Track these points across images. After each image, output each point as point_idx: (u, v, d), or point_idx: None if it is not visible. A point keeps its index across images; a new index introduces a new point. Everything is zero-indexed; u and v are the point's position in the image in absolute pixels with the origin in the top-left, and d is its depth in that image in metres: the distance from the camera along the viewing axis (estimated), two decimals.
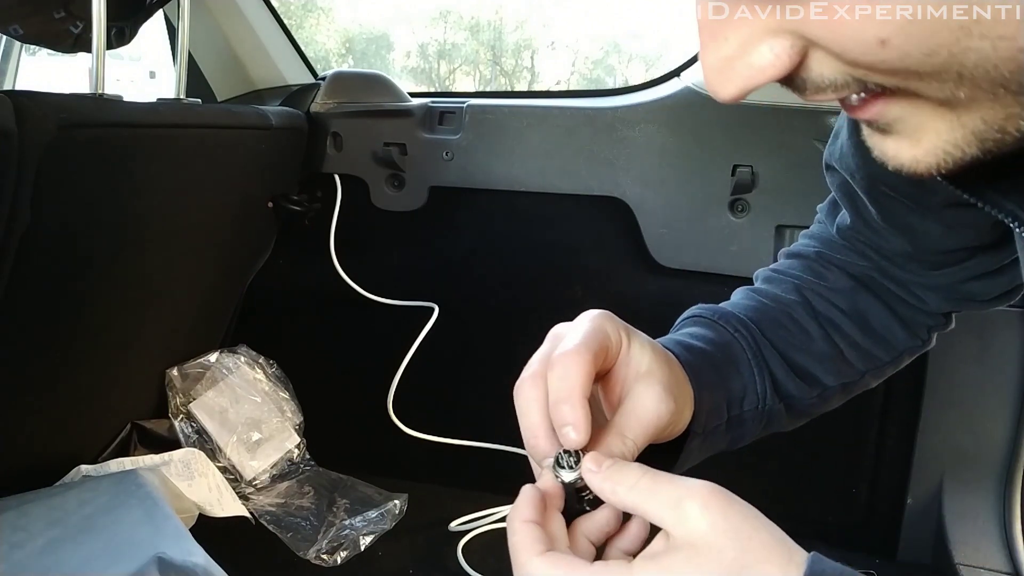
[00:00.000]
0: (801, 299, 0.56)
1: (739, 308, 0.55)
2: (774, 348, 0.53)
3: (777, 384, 0.53)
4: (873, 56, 0.25)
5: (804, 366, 0.54)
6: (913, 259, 0.55)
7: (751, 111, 1.11)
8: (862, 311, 0.57)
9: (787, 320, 0.55)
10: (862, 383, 0.58)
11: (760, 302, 0.56)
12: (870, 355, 0.57)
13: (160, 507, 0.90)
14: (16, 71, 1.51)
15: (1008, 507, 1.08)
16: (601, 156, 1.20)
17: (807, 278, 0.58)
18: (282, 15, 1.40)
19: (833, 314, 0.56)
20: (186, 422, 1.20)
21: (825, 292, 0.57)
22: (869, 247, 0.57)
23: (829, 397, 0.56)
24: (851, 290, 0.57)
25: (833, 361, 0.55)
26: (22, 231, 0.77)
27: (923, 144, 0.28)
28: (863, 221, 0.56)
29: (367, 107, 1.30)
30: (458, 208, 1.29)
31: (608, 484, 0.37)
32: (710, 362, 0.49)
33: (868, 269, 0.58)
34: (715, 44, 0.28)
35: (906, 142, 0.29)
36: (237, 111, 1.18)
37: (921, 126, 0.28)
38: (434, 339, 1.25)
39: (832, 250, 0.59)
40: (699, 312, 0.55)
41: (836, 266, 0.59)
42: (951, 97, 0.26)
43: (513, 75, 5.69)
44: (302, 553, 1.08)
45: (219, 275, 1.27)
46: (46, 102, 0.76)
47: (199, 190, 1.08)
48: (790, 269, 0.60)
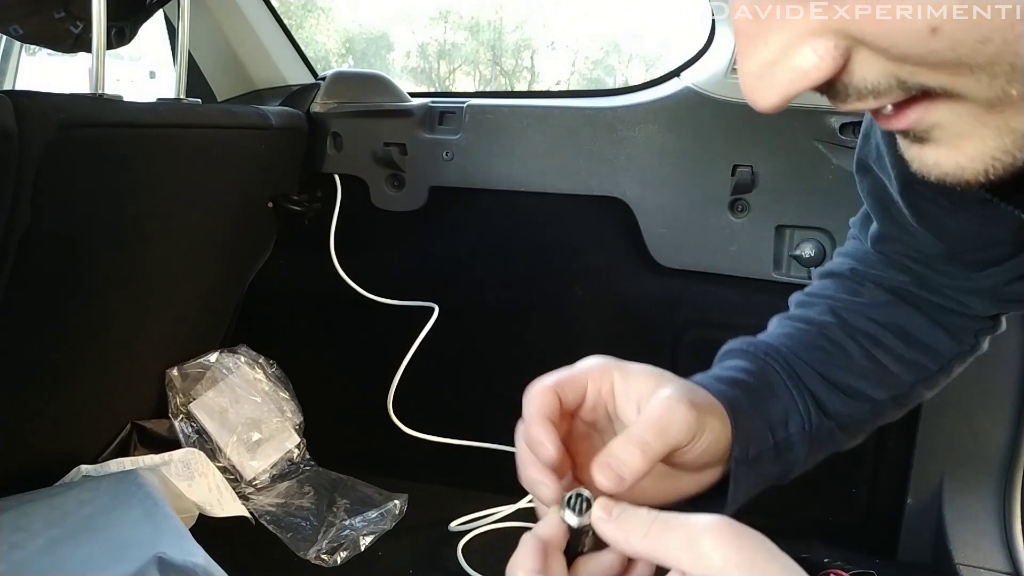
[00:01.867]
0: (836, 319, 0.56)
1: (772, 336, 0.55)
2: (812, 369, 0.53)
3: (821, 403, 0.52)
4: (924, 47, 0.24)
5: (848, 383, 0.54)
6: (951, 261, 0.53)
7: (751, 111, 1.10)
8: (902, 323, 0.56)
9: (823, 341, 0.55)
10: (914, 394, 0.57)
11: (794, 327, 0.56)
12: (917, 365, 0.56)
13: (160, 507, 0.90)
14: (16, 71, 1.51)
15: (1008, 507, 1.08)
16: (601, 156, 1.20)
17: (841, 296, 0.57)
18: (282, 15, 1.40)
19: (872, 329, 0.55)
20: (186, 422, 1.20)
21: (862, 308, 0.56)
22: (905, 255, 0.56)
23: (882, 411, 0.56)
24: (889, 303, 0.56)
25: (878, 375, 0.55)
26: (22, 231, 0.77)
27: (966, 151, 0.26)
28: (897, 226, 0.54)
29: (367, 107, 1.30)
30: (458, 208, 1.29)
31: (621, 533, 0.37)
32: (743, 388, 0.49)
33: (906, 284, 0.57)
34: (754, 49, 0.27)
35: (946, 149, 0.27)
36: (237, 111, 1.18)
37: (964, 132, 0.26)
38: (434, 339, 1.25)
39: (867, 265, 0.59)
40: (731, 346, 0.55)
41: (871, 282, 0.58)
42: (1001, 95, 0.24)
43: (513, 75, 5.69)
44: (302, 553, 1.08)
45: (219, 275, 1.27)
46: (46, 102, 0.76)
47: (199, 190, 1.08)
48: (823, 290, 0.59)
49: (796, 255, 1.12)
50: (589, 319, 1.24)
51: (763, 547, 0.35)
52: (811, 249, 1.11)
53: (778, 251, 1.14)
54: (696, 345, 1.18)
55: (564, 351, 1.44)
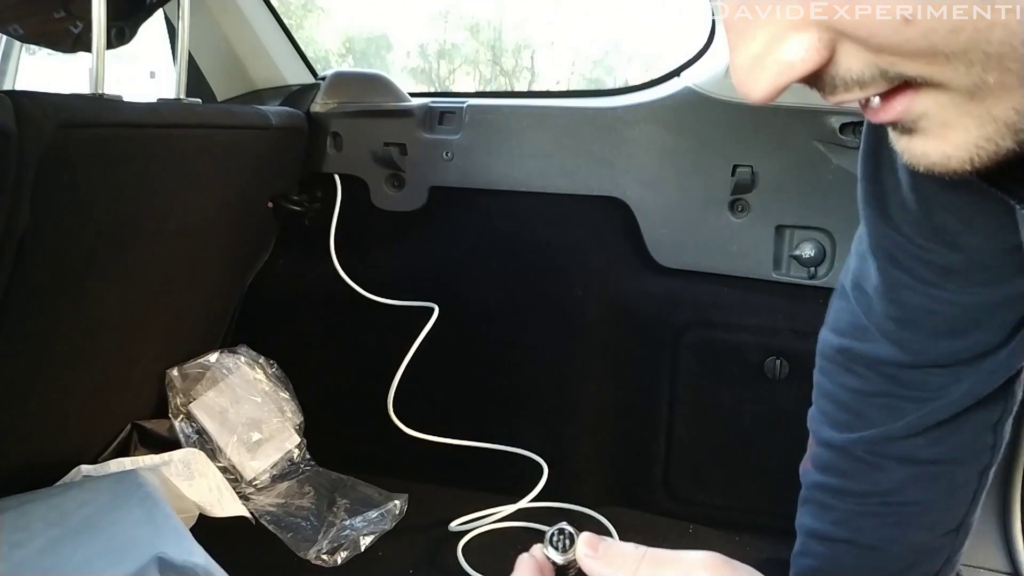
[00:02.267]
0: (856, 530, 0.56)
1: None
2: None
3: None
4: (899, 37, 0.25)
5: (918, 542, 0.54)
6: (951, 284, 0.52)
7: (751, 111, 1.11)
8: (922, 499, 0.56)
9: (857, 552, 0.55)
10: (981, 483, 0.58)
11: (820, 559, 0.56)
12: (964, 484, 0.57)
13: (160, 507, 0.90)
14: (16, 71, 1.51)
15: (1008, 507, 1.08)
16: (601, 156, 1.20)
17: (853, 508, 0.57)
18: (282, 15, 1.40)
19: (906, 512, 0.55)
20: (186, 422, 1.20)
21: (882, 507, 0.56)
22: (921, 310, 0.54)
23: (965, 529, 0.57)
24: (911, 479, 0.56)
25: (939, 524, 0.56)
26: (22, 231, 0.77)
27: (952, 140, 0.27)
28: (907, 274, 0.53)
29: (367, 107, 1.30)
30: (458, 208, 1.29)
31: (609, 571, 0.36)
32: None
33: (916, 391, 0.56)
34: (743, 43, 0.28)
35: (933, 139, 0.28)
36: (237, 111, 1.18)
37: (948, 121, 0.27)
38: (434, 339, 1.25)
39: (883, 425, 0.57)
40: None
41: (892, 459, 0.57)
42: (979, 83, 0.25)
43: (513, 75, 5.69)
44: (302, 553, 1.08)
45: (219, 275, 1.27)
46: (46, 102, 0.76)
47: (199, 190, 1.08)
48: (835, 501, 0.59)
49: (796, 255, 1.12)
50: (589, 319, 1.24)
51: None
52: (811, 249, 1.11)
53: (778, 251, 1.14)
54: (696, 345, 1.18)
55: (564, 351, 1.44)
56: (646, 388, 1.21)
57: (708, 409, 1.18)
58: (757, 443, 1.17)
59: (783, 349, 1.13)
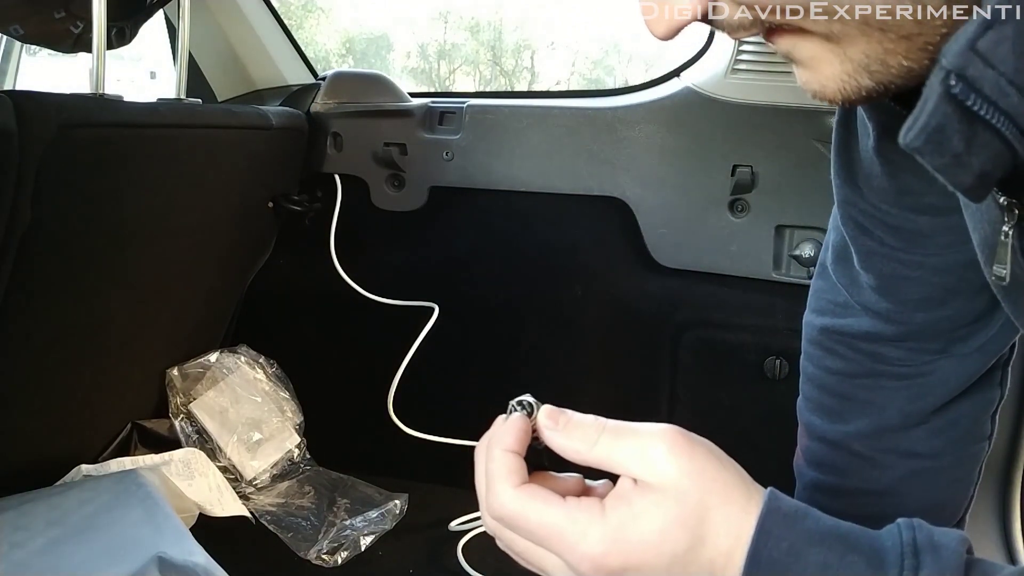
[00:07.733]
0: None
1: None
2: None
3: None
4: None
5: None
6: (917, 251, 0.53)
7: (751, 111, 1.11)
8: (922, 498, 0.56)
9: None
10: (977, 479, 0.60)
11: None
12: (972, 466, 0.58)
13: (160, 507, 0.90)
14: (16, 71, 1.51)
15: (1008, 507, 1.08)
16: (601, 156, 1.20)
17: (847, 510, 0.58)
18: (282, 15, 1.40)
19: (905, 512, 0.56)
20: (186, 422, 1.20)
21: (878, 508, 0.56)
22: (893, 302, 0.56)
23: (961, 527, 0.58)
24: (911, 475, 0.57)
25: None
26: (22, 231, 0.77)
27: (822, 72, 0.33)
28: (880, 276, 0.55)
29: (367, 107, 1.31)
30: (458, 208, 1.29)
31: (571, 444, 0.38)
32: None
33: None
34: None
35: (810, 72, 0.33)
36: (237, 111, 1.18)
37: (815, 57, 0.32)
38: (434, 339, 1.25)
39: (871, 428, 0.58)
40: None
41: (892, 453, 0.58)
42: (828, 31, 0.30)
43: (513, 75, 5.69)
44: (302, 553, 1.08)
45: (219, 275, 1.27)
46: (46, 102, 0.76)
47: (199, 190, 1.08)
48: (831, 502, 0.59)
49: (796, 255, 1.13)
50: (589, 319, 1.24)
51: (713, 454, 0.37)
52: (811, 249, 1.11)
53: (778, 251, 1.14)
54: (696, 345, 1.18)
55: (564, 351, 1.44)
56: (646, 388, 1.21)
57: (708, 409, 1.18)
58: (756, 443, 1.17)
59: (783, 349, 1.13)
